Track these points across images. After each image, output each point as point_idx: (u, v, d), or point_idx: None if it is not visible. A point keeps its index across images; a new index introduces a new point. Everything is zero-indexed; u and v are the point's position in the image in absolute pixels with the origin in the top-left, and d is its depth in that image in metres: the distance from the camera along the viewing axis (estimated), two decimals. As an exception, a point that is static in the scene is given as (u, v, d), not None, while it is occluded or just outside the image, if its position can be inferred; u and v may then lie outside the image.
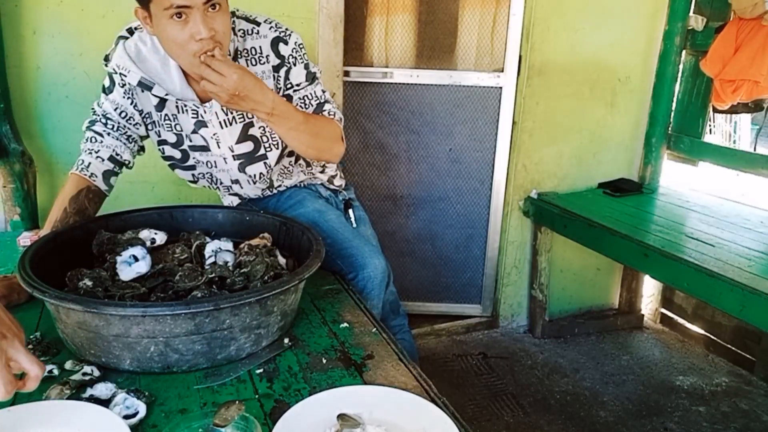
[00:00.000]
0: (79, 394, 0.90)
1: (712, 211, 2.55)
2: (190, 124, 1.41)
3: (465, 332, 2.91)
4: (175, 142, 1.45)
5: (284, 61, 1.37)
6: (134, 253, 1.14)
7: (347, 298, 1.33)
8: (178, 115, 1.40)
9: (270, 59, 1.37)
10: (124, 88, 1.39)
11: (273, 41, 1.36)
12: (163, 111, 1.40)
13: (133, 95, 1.40)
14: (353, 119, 2.58)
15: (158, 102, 1.38)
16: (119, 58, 1.34)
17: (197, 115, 1.39)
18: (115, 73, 1.37)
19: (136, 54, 1.34)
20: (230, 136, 1.42)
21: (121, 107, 1.41)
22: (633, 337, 2.93)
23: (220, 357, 1.01)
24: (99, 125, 1.43)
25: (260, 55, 1.36)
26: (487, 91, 2.62)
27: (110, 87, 1.41)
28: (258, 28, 1.36)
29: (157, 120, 1.43)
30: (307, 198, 1.60)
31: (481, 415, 2.29)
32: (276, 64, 1.37)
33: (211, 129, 1.41)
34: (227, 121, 1.40)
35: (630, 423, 2.26)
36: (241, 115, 1.40)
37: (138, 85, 1.34)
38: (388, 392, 0.93)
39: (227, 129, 1.41)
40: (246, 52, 1.36)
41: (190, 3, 1.15)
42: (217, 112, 1.38)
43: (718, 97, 2.69)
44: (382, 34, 2.55)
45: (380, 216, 2.76)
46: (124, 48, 1.34)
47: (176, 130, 1.43)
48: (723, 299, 1.84)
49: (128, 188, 2.01)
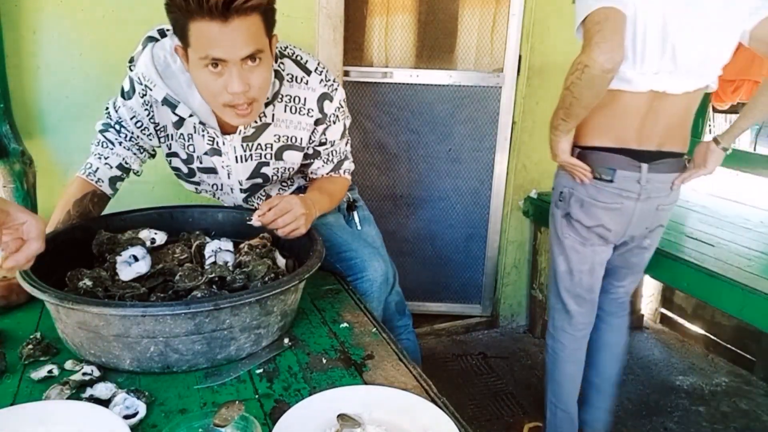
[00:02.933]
0: (79, 394, 0.90)
1: (712, 211, 2.55)
2: (204, 147, 1.36)
3: (465, 332, 2.91)
4: (186, 159, 1.42)
5: (326, 118, 1.36)
6: (134, 253, 1.14)
7: (347, 298, 1.33)
8: (194, 135, 1.35)
9: (312, 113, 1.35)
10: (144, 99, 1.32)
11: (320, 96, 1.33)
12: (180, 130, 1.35)
13: (152, 107, 1.33)
14: (353, 119, 2.57)
15: (177, 120, 1.32)
16: (146, 67, 1.26)
17: (213, 142, 1.34)
18: (139, 83, 1.28)
19: (164, 68, 1.26)
20: (243, 171, 1.40)
21: (138, 116, 1.35)
22: (633, 337, 2.93)
23: (220, 357, 1.01)
24: (112, 132, 1.38)
25: (303, 106, 1.33)
26: (487, 91, 2.62)
27: (129, 93, 1.33)
28: (308, 78, 1.32)
29: (171, 134, 1.37)
30: None
31: (481, 415, 2.29)
32: (318, 119, 1.36)
33: (225, 159, 1.37)
34: (243, 157, 1.36)
35: (630, 423, 2.26)
36: (259, 155, 1.37)
37: (162, 101, 1.27)
38: (388, 392, 0.93)
39: (241, 164, 1.38)
40: (289, 98, 1.32)
41: (226, 57, 1.09)
42: (236, 146, 1.34)
43: (718, 97, 2.70)
44: (382, 34, 2.55)
45: (380, 216, 2.75)
46: (152, 57, 1.26)
47: (189, 150, 1.38)
48: (723, 299, 1.84)
49: (128, 188, 2.00)
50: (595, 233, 1.70)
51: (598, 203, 1.64)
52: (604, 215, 1.65)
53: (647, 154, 1.58)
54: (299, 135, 1.37)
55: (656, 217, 1.68)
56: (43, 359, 1.01)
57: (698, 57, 1.49)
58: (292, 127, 1.35)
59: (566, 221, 1.74)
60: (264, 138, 1.34)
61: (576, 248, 1.75)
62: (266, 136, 1.34)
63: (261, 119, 1.31)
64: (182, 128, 1.34)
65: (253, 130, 1.32)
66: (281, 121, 1.34)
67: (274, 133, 1.35)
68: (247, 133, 1.32)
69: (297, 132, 1.36)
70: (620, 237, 1.71)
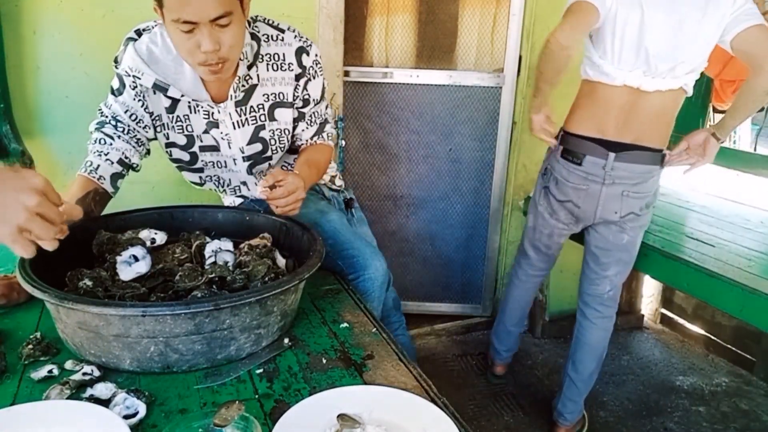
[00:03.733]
0: (79, 394, 0.90)
1: (712, 211, 2.55)
2: (201, 124, 1.41)
3: (465, 332, 2.91)
4: (185, 144, 1.44)
5: (305, 71, 1.42)
6: (134, 253, 1.14)
7: (347, 298, 1.33)
8: (190, 115, 1.40)
9: (293, 67, 1.40)
10: (136, 90, 1.36)
11: (297, 50, 1.40)
12: (175, 112, 1.39)
13: (145, 97, 1.38)
14: (353, 119, 2.58)
15: (170, 104, 1.37)
16: (131, 60, 1.32)
17: (209, 115, 1.39)
18: (127, 75, 1.34)
19: (149, 55, 1.32)
20: (242, 137, 1.43)
21: (132, 109, 1.39)
22: (633, 337, 2.93)
23: (220, 357, 1.01)
24: (109, 127, 1.40)
25: (283, 61, 1.40)
26: (487, 91, 2.62)
27: (120, 89, 1.37)
28: (283, 35, 1.39)
29: (167, 122, 1.41)
30: (309, 198, 1.60)
31: (481, 415, 2.29)
32: (298, 73, 1.41)
33: (222, 129, 1.41)
34: (240, 122, 1.41)
35: (630, 423, 2.27)
36: (254, 118, 1.42)
37: (153, 87, 1.33)
38: (388, 392, 0.93)
39: (239, 130, 1.42)
40: (269, 56, 1.38)
41: (196, 19, 1.14)
42: (231, 112, 1.39)
43: (718, 97, 2.70)
44: (382, 34, 2.55)
45: (380, 216, 2.76)
46: (135, 50, 1.32)
47: (187, 131, 1.42)
48: (723, 299, 1.84)
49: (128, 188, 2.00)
50: (565, 208, 1.97)
51: (568, 183, 1.91)
52: (573, 194, 1.91)
53: (620, 146, 1.78)
54: (285, 90, 1.42)
55: (625, 203, 1.84)
56: (43, 359, 1.01)
57: (670, 64, 1.68)
58: (277, 83, 1.41)
59: (544, 192, 2.03)
60: (254, 99, 1.40)
61: (544, 215, 2.07)
62: (256, 97, 1.40)
63: (248, 82, 1.37)
64: (177, 110, 1.39)
65: (243, 93, 1.38)
66: (266, 80, 1.40)
67: (262, 93, 1.41)
68: (238, 98, 1.37)
69: (282, 88, 1.42)
70: (592, 217, 1.92)
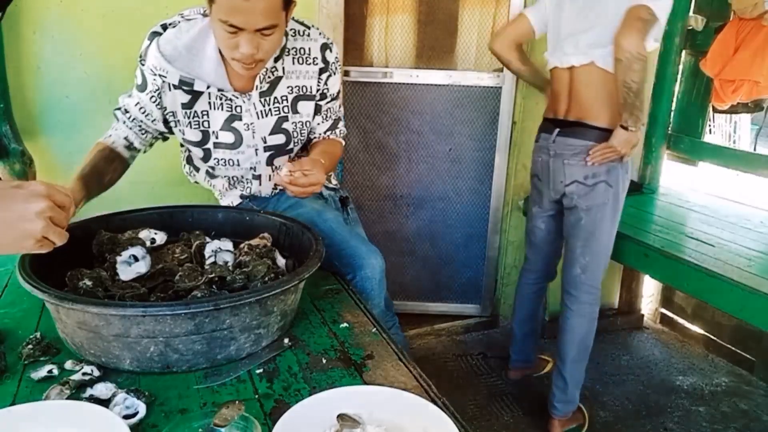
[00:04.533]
0: (79, 394, 0.90)
1: (712, 211, 2.55)
2: (221, 120, 1.43)
3: (465, 332, 2.91)
4: (199, 141, 1.47)
5: (328, 66, 1.48)
6: (134, 253, 1.14)
7: (347, 298, 1.33)
8: (209, 111, 1.43)
9: (317, 61, 1.46)
10: (156, 90, 1.41)
11: (322, 46, 1.46)
12: (192, 108, 1.42)
13: (161, 96, 1.41)
14: (353, 119, 2.58)
15: (189, 99, 1.40)
16: (155, 59, 1.36)
17: (232, 108, 1.42)
18: (153, 74, 1.38)
19: (172, 52, 1.36)
20: (265, 126, 1.47)
21: (144, 106, 1.44)
22: (633, 337, 2.93)
23: (220, 357, 1.01)
24: (120, 113, 1.48)
25: (308, 55, 1.46)
26: (487, 91, 2.62)
27: (141, 86, 1.42)
28: (308, 31, 1.46)
29: (181, 119, 1.44)
30: (306, 198, 1.61)
31: (481, 415, 2.29)
32: (321, 67, 1.47)
33: (246, 119, 1.44)
34: (263, 112, 1.45)
35: (630, 423, 2.27)
36: (277, 109, 1.47)
37: (180, 83, 1.37)
38: (388, 392, 0.93)
39: (263, 120, 1.46)
40: (294, 50, 1.44)
41: (243, 27, 1.19)
42: (255, 103, 1.43)
43: (718, 97, 2.70)
44: (381, 34, 2.55)
45: (380, 215, 2.76)
46: (158, 48, 1.35)
47: (203, 127, 1.44)
48: (723, 299, 1.84)
49: (128, 188, 2.00)
50: (534, 185, 2.20)
51: (533, 158, 2.17)
52: (534, 167, 2.17)
53: (566, 123, 2.01)
54: (309, 84, 1.47)
55: (567, 171, 2.01)
56: (43, 359, 1.01)
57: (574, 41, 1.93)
58: (302, 77, 1.46)
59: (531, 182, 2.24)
60: (279, 91, 1.45)
61: (531, 206, 2.26)
62: (280, 89, 1.45)
63: (273, 74, 1.42)
64: (195, 106, 1.42)
65: (268, 85, 1.43)
66: (291, 72, 1.45)
67: (287, 85, 1.45)
68: (263, 89, 1.42)
69: (306, 81, 1.47)
70: (548, 189, 2.11)
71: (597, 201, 1.98)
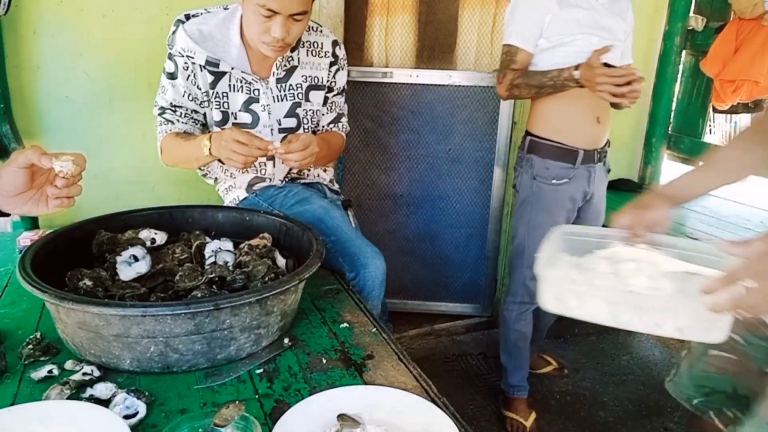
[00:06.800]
0: (79, 394, 0.90)
1: (712, 211, 2.55)
2: (240, 102, 1.53)
3: (465, 332, 2.90)
4: (220, 121, 1.55)
5: (338, 61, 1.64)
6: (134, 253, 1.14)
7: (347, 298, 1.33)
8: (228, 93, 1.52)
9: (329, 55, 1.62)
10: (188, 71, 1.49)
11: (333, 42, 1.62)
12: (216, 89, 1.51)
13: (196, 76, 1.49)
14: (354, 119, 2.57)
15: (213, 80, 1.50)
16: (183, 41, 1.46)
17: (251, 91, 1.53)
18: (181, 56, 1.47)
19: (198, 35, 1.47)
20: (281, 110, 1.58)
21: (188, 90, 1.51)
22: (633, 337, 2.93)
23: (220, 357, 1.01)
24: (169, 113, 1.54)
25: (321, 49, 1.61)
26: (487, 91, 2.62)
27: (174, 73, 1.50)
28: (321, 28, 1.62)
29: (210, 99, 1.53)
30: (313, 196, 1.63)
31: (481, 415, 2.29)
32: (332, 61, 1.63)
33: (263, 101, 1.54)
34: (279, 96, 1.57)
35: (630, 423, 2.26)
36: (292, 95, 1.58)
37: (205, 64, 1.47)
38: (388, 392, 0.93)
39: (279, 104, 1.57)
40: (308, 44, 1.59)
41: (280, 11, 1.32)
42: (272, 88, 1.55)
43: (718, 97, 2.70)
44: (382, 34, 2.55)
45: (380, 215, 2.76)
46: (185, 31, 1.45)
47: (224, 107, 1.54)
48: (723, 299, 1.83)
49: (128, 188, 2.01)
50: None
51: None
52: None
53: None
54: (320, 75, 1.61)
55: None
56: (43, 359, 1.01)
57: None
58: (315, 68, 1.60)
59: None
60: (294, 79, 1.57)
61: None
62: (295, 77, 1.58)
63: (289, 62, 1.55)
64: (218, 87, 1.51)
65: (284, 72, 1.55)
66: (305, 63, 1.59)
67: (301, 74, 1.58)
68: (279, 75, 1.54)
69: (318, 72, 1.61)
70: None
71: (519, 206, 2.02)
